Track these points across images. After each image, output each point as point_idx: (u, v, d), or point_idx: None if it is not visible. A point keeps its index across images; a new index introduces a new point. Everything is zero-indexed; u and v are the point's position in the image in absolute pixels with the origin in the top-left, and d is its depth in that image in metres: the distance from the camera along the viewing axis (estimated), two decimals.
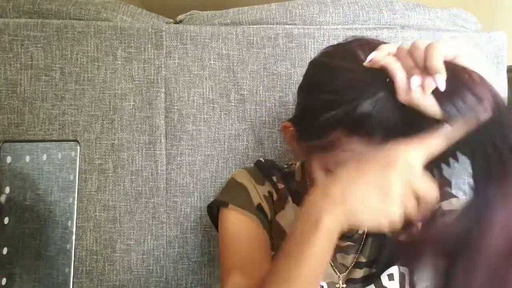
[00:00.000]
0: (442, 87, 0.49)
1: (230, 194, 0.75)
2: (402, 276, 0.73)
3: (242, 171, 0.79)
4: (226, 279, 0.68)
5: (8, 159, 0.51)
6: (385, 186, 0.48)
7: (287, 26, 0.93)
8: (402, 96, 0.51)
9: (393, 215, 0.48)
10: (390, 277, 0.73)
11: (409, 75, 0.50)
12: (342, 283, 0.73)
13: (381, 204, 0.48)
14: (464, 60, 0.51)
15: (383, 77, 0.53)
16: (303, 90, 0.67)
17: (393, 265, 0.72)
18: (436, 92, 0.49)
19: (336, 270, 0.73)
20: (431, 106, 0.49)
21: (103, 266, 0.90)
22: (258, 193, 0.75)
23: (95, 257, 0.90)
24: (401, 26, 0.94)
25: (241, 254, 0.70)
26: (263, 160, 0.83)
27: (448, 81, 0.49)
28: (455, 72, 0.49)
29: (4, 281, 0.50)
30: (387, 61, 0.52)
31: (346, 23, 0.94)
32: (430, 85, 0.49)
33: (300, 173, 0.79)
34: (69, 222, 0.63)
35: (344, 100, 0.55)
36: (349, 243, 0.74)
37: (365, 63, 0.54)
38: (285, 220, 0.75)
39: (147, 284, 0.91)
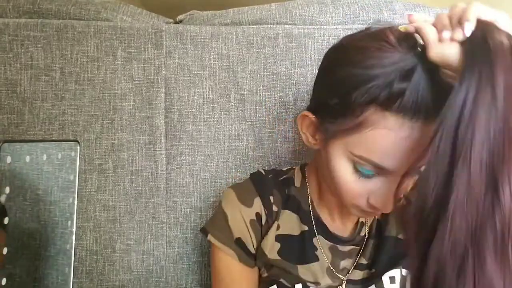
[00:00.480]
0: (468, 33, 0.49)
1: (213, 224, 0.76)
2: (403, 280, 0.73)
3: (230, 192, 0.76)
4: None
5: (8, 159, 0.51)
6: None
7: (287, 26, 0.93)
8: (432, 52, 0.51)
9: None
10: (392, 279, 0.72)
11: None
12: (344, 285, 0.73)
13: None
14: (502, 26, 0.49)
15: (414, 47, 0.54)
16: (327, 70, 0.64)
17: (395, 267, 0.72)
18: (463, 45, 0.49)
19: (338, 274, 0.73)
20: (454, 57, 0.49)
21: (103, 266, 0.90)
22: (242, 222, 0.73)
23: (95, 257, 0.90)
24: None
25: None
26: (263, 172, 0.79)
27: (476, 35, 0.48)
28: (486, 31, 0.48)
29: (4, 281, 0.50)
30: (422, 24, 0.54)
31: (346, 23, 0.94)
32: (458, 33, 0.49)
33: (300, 178, 0.78)
34: (69, 222, 0.63)
35: (377, 75, 0.54)
36: (351, 247, 0.74)
37: (401, 27, 0.56)
38: (267, 247, 0.73)
39: (147, 284, 0.91)
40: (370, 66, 0.55)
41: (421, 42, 0.54)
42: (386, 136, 0.55)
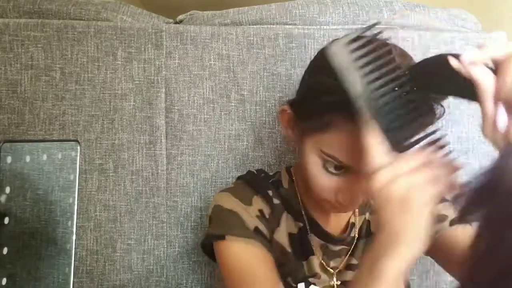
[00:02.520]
0: None
1: (223, 224, 0.70)
2: None
3: (226, 194, 0.73)
4: None
5: (9, 159, 0.51)
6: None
7: (287, 26, 0.93)
8: (487, 130, 0.48)
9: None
10: None
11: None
12: (336, 286, 0.73)
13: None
14: None
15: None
16: (308, 72, 0.68)
17: None
18: None
19: (328, 273, 0.73)
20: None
21: (104, 266, 0.90)
22: (249, 215, 0.70)
23: (95, 256, 0.90)
24: (401, 26, 0.94)
25: (257, 285, 0.65)
26: (255, 172, 0.79)
27: None
28: None
29: (4, 281, 0.50)
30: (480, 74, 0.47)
31: (346, 23, 0.94)
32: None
33: (287, 179, 0.78)
34: (70, 222, 0.63)
35: (347, 89, 0.55)
36: (342, 247, 0.75)
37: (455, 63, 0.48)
38: (282, 237, 0.73)
39: (147, 284, 0.91)
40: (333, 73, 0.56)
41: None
42: (350, 138, 0.58)
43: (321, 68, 0.62)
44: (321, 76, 0.61)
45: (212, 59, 0.91)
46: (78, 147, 0.64)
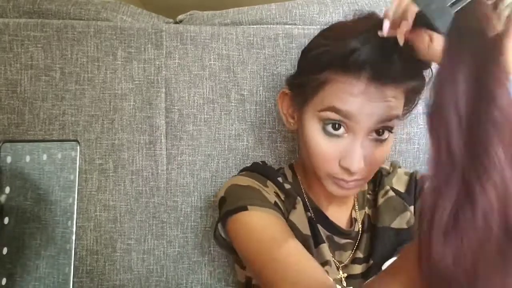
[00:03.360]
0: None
1: (243, 197, 0.68)
2: None
3: (240, 177, 0.73)
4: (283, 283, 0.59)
5: (8, 159, 0.51)
6: None
7: (287, 26, 0.93)
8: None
9: None
10: None
11: None
12: (343, 280, 0.73)
13: None
14: None
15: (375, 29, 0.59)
16: (303, 50, 0.73)
17: (392, 257, 0.73)
18: None
19: (336, 267, 0.73)
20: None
21: (104, 266, 0.90)
22: (267, 192, 0.70)
23: (95, 256, 0.90)
24: None
25: (282, 249, 0.61)
26: (260, 163, 0.81)
27: None
28: None
29: (4, 281, 0.50)
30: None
31: None
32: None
33: (291, 175, 0.79)
34: (69, 222, 0.63)
35: (336, 44, 0.62)
36: (347, 240, 0.75)
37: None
38: (298, 220, 0.72)
39: (147, 284, 0.91)
40: (331, 37, 0.66)
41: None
42: (344, 88, 0.62)
43: (315, 38, 0.70)
44: (316, 43, 0.68)
45: (212, 59, 0.91)
46: (78, 147, 0.64)
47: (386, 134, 0.65)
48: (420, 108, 0.92)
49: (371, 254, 0.74)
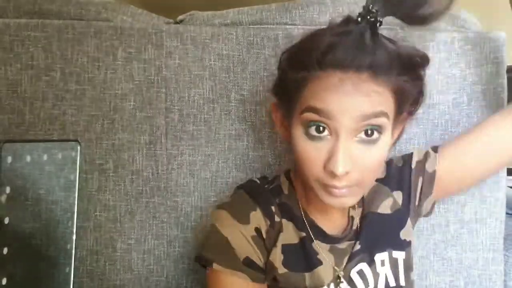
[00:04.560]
0: None
1: (214, 250, 0.70)
2: (393, 262, 0.75)
3: (222, 213, 0.72)
4: None
5: (9, 159, 0.51)
6: None
7: (287, 26, 0.93)
8: None
9: None
10: (382, 263, 0.74)
11: None
12: (343, 276, 0.73)
13: None
14: None
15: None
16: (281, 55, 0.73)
17: (383, 250, 0.75)
18: None
19: (337, 268, 0.73)
20: None
21: (104, 266, 0.90)
22: (245, 240, 0.69)
23: (95, 256, 0.90)
24: (401, 26, 0.94)
25: None
26: (258, 181, 0.78)
27: None
28: None
29: (4, 281, 0.50)
30: None
31: None
32: None
33: (287, 185, 0.77)
34: (70, 222, 0.64)
35: (310, 41, 0.64)
36: (348, 242, 0.75)
37: None
38: (277, 259, 0.71)
39: (147, 284, 0.91)
40: (304, 37, 0.67)
41: None
42: (320, 85, 0.61)
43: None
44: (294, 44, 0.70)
45: (212, 59, 0.91)
46: (78, 147, 0.64)
47: (375, 135, 0.61)
48: (420, 109, 0.93)
49: (362, 241, 0.74)
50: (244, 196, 0.74)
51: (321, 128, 0.61)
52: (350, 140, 0.61)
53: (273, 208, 0.73)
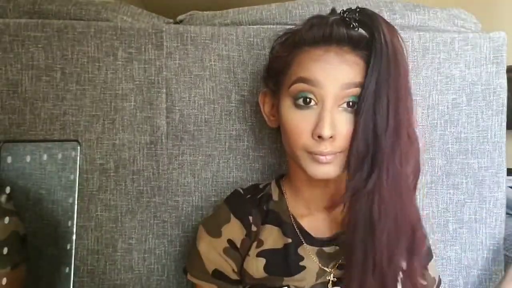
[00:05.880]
0: None
1: (189, 262, 0.80)
2: None
3: (200, 228, 0.79)
4: None
5: (9, 159, 0.51)
6: None
7: (287, 26, 0.93)
8: None
9: None
10: None
11: None
12: (333, 277, 0.73)
13: None
14: None
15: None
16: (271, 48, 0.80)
17: None
18: None
19: (325, 268, 0.73)
20: None
21: (105, 265, 0.90)
22: (215, 253, 0.75)
23: (96, 256, 0.90)
24: (401, 26, 0.94)
25: None
26: (242, 192, 0.80)
27: None
28: None
29: (4, 281, 0.50)
30: None
31: None
32: None
33: (277, 192, 0.79)
34: (70, 221, 0.64)
35: (299, 26, 0.72)
36: (336, 247, 0.74)
37: None
38: (250, 266, 0.74)
39: (148, 283, 0.92)
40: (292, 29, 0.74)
41: None
42: (308, 56, 0.68)
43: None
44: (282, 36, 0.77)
45: (213, 60, 0.91)
46: (79, 147, 0.64)
47: (356, 107, 0.66)
48: (419, 109, 0.93)
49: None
50: (223, 209, 0.78)
51: (307, 99, 0.66)
52: (335, 108, 0.66)
53: (250, 218, 0.76)
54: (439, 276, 0.81)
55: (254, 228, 0.75)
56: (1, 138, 0.88)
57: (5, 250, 0.50)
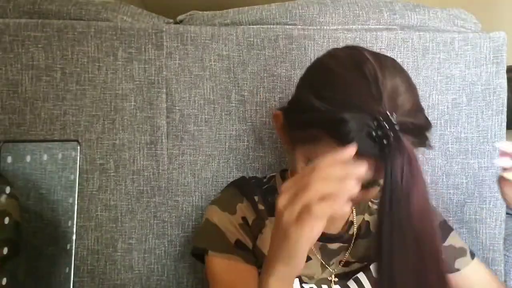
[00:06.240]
0: None
1: (207, 239, 0.74)
2: None
3: (212, 207, 0.77)
4: None
5: (9, 159, 0.51)
6: None
7: (287, 26, 0.93)
8: None
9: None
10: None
11: None
12: (334, 278, 0.74)
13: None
14: None
15: (378, 108, 0.53)
16: (302, 79, 0.67)
17: None
18: None
19: (329, 268, 0.74)
20: None
21: (105, 265, 0.90)
22: (233, 226, 0.74)
23: (96, 256, 0.90)
24: (401, 26, 0.94)
25: None
26: (247, 177, 0.82)
27: None
28: None
29: (4, 281, 0.50)
30: None
31: (346, 23, 0.94)
32: None
33: (281, 184, 0.78)
34: (70, 221, 0.64)
35: (331, 110, 0.56)
36: (340, 244, 0.75)
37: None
38: (265, 244, 0.73)
39: (148, 283, 0.92)
40: (328, 98, 0.57)
41: None
42: (330, 152, 0.55)
43: (311, 82, 0.63)
44: (308, 93, 0.61)
45: (213, 60, 0.91)
46: (79, 147, 0.64)
47: None
48: None
49: (366, 259, 0.75)
50: (233, 190, 0.79)
51: None
52: None
53: (256, 198, 0.77)
54: (469, 247, 0.81)
55: (261, 207, 0.76)
56: (1, 138, 0.88)
57: None
